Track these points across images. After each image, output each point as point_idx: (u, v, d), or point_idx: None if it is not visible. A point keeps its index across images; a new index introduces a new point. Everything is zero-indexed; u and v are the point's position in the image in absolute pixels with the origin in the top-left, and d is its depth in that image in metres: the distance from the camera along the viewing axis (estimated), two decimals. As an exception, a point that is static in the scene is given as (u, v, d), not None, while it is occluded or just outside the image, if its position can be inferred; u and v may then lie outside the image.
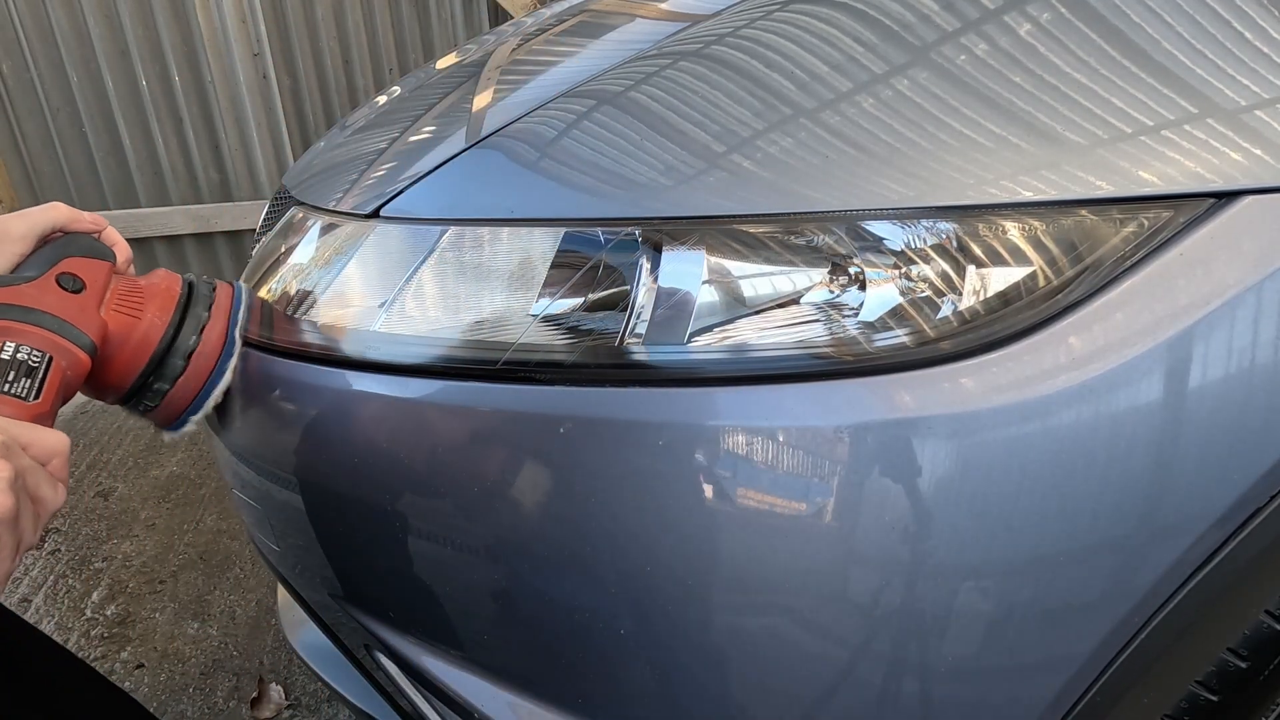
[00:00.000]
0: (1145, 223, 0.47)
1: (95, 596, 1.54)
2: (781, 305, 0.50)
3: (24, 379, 0.49)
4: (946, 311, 0.48)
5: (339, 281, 0.61)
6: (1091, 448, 0.46)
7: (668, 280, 0.51)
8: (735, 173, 0.51)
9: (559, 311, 0.53)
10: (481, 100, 0.69)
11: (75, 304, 0.54)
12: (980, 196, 0.48)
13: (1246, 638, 0.53)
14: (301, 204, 0.72)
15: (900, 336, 0.48)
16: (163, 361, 0.58)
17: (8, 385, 0.48)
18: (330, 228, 0.65)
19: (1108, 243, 0.48)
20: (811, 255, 0.50)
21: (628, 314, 0.51)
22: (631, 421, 0.50)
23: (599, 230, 0.53)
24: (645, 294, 0.51)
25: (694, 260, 0.51)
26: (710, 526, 0.49)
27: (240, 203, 2.89)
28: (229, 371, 0.61)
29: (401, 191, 0.60)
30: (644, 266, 0.51)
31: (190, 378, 0.59)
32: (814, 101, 0.52)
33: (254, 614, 1.49)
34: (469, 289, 0.55)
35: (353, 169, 0.70)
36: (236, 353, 0.62)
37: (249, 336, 0.64)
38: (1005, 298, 0.48)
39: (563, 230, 0.53)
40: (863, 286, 0.49)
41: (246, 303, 0.64)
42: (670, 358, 0.51)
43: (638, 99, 0.57)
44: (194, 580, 1.58)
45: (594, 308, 0.52)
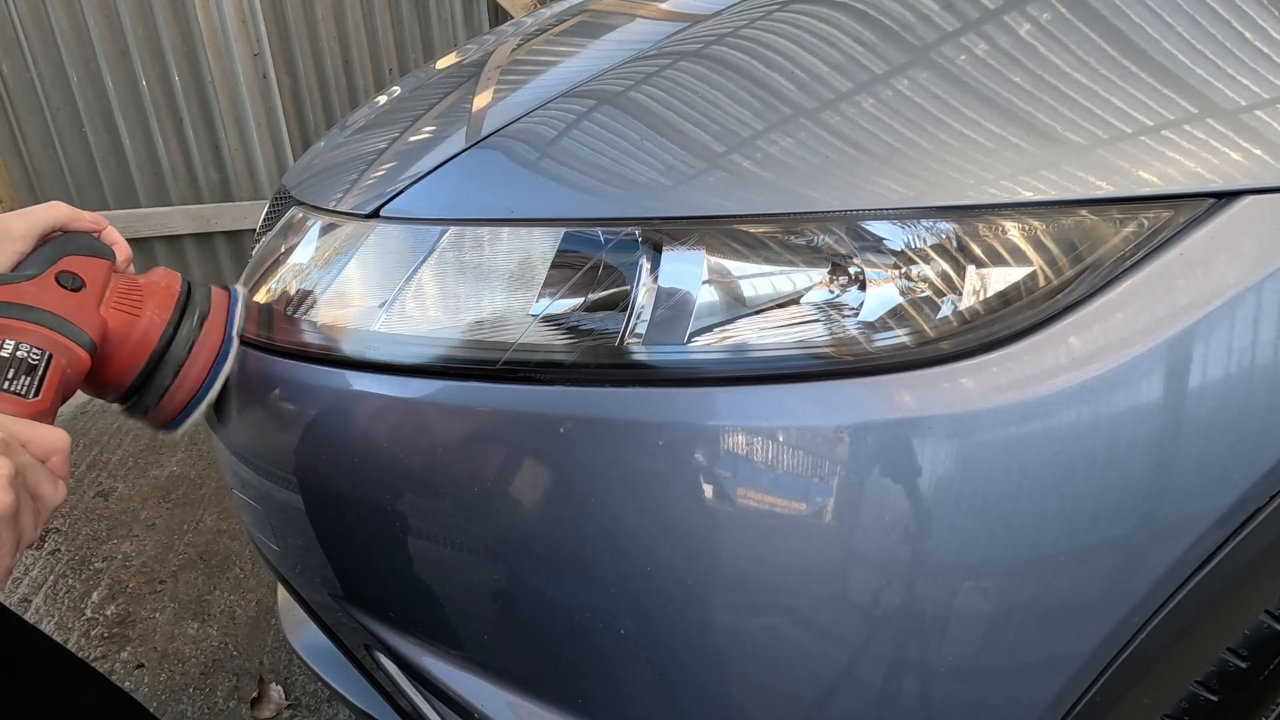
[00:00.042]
0: (1145, 223, 0.47)
1: (95, 596, 1.54)
2: (781, 305, 0.50)
3: (24, 376, 0.49)
4: (946, 311, 0.48)
5: (339, 281, 0.61)
6: (1091, 448, 0.46)
7: (668, 280, 0.51)
8: (735, 173, 0.51)
9: (559, 311, 0.53)
10: (481, 100, 0.69)
11: (75, 302, 0.54)
12: (980, 196, 0.48)
13: (1246, 638, 0.53)
14: (301, 204, 0.72)
15: (900, 336, 0.48)
16: (162, 359, 0.58)
17: (7, 383, 0.48)
18: (330, 228, 0.65)
19: (1108, 243, 0.48)
20: (811, 255, 0.50)
21: (628, 314, 0.51)
22: (631, 421, 0.50)
23: (599, 230, 0.52)
24: (645, 294, 0.51)
25: (694, 260, 0.51)
26: (710, 526, 0.49)
27: (240, 203, 2.89)
28: (226, 370, 0.61)
29: (401, 191, 0.60)
30: (644, 266, 0.51)
31: (189, 376, 0.59)
32: (814, 101, 0.52)
33: (254, 614, 1.49)
34: (469, 289, 0.56)
35: (353, 169, 0.70)
36: (234, 351, 0.62)
37: (249, 336, 0.64)
38: (1005, 298, 0.48)
39: (563, 230, 0.53)
40: (863, 286, 0.49)
41: (243, 304, 0.65)
42: (670, 358, 0.51)
43: (638, 99, 0.57)
44: (194, 580, 1.58)
45: (594, 308, 0.52)
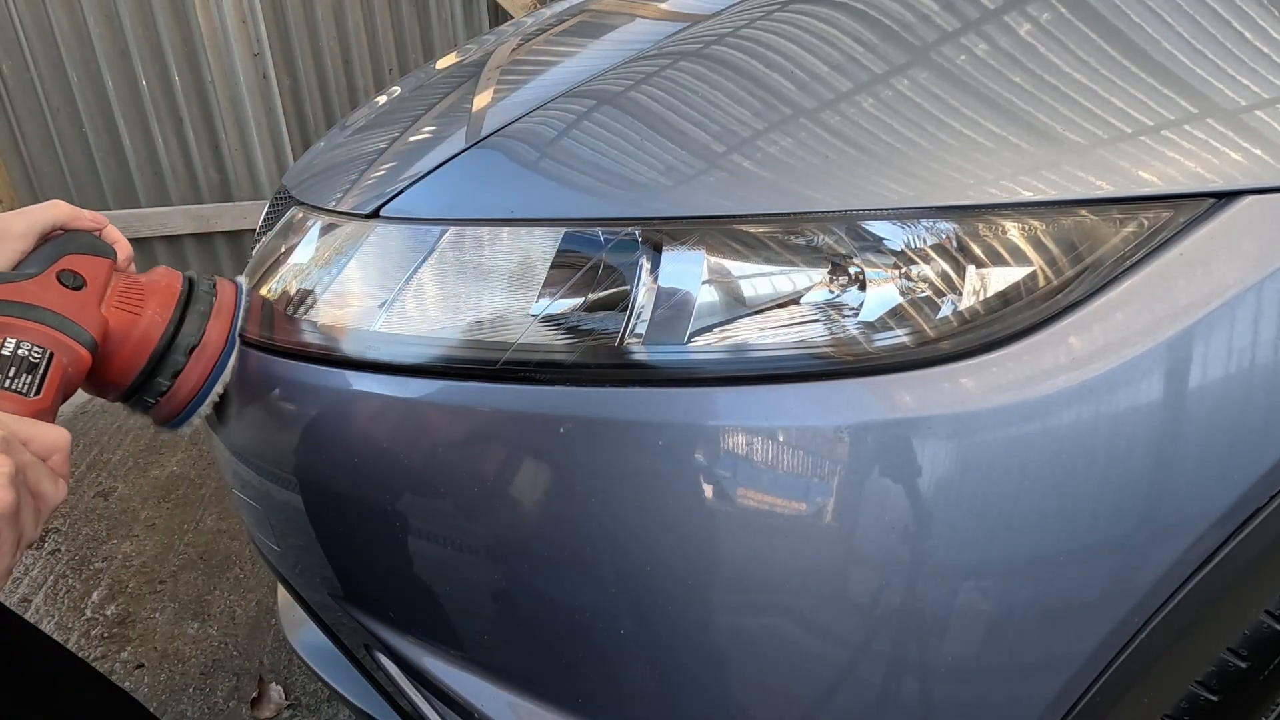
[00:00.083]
0: (1145, 223, 0.47)
1: (95, 596, 1.54)
2: (781, 305, 0.50)
3: (25, 375, 0.49)
4: (946, 311, 0.48)
5: (339, 281, 0.61)
6: (1091, 448, 0.46)
7: (668, 280, 0.51)
8: (735, 173, 0.51)
9: (559, 311, 0.53)
10: (481, 100, 0.69)
11: (76, 301, 0.54)
12: (980, 196, 0.48)
13: (1246, 638, 0.53)
14: (301, 204, 0.72)
15: (900, 336, 0.48)
16: (163, 358, 0.58)
17: (8, 381, 0.48)
18: (330, 228, 0.65)
19: (1108, 243, 0.48)
20: (811, 255, 0.50)
21: (628, 314, 0.51)
22: (631, 421, 0.50)
23: (599, 230, 0.52)
24: (645, 294, 0.51)
25: (694, 260, 0.51)
26: (710, 526, 0.49)
27: (240, 203, 2.89)
28: (229, 369, 0.61)
29: (401, 191, 0.60)
30: (644, 266, 0.51)
31: (191, 375, 0.59)
32: (814, 101, 0.52)
33: (254, 614, 1.49)
34: (469, 289, 0.55)
35: (353, 169, 0.70)
36: (236, 350, 0.62)
37: (249, 336, 0.64)
38: (1005, 298, 0.48)
39: (563, 230, 0.53)
40: (863, 286, 0.49)
41: (247, 301, 0.64)
42: (670, 358, 0.51)
43: (638, 99, 0.57)
44: (194, 580, 1.58)
45: (594, 308, 0.52)
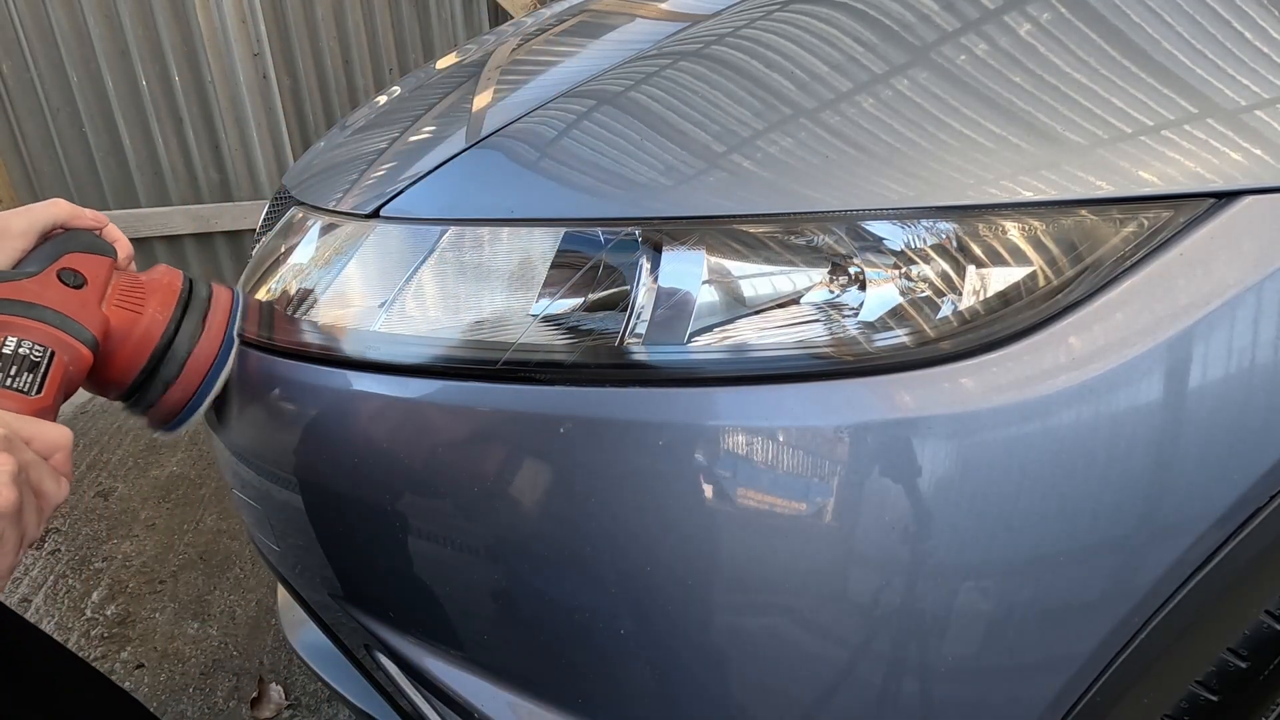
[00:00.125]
0: (1145, 223, 0.47)
1: (95, 596, 1.54)
2: (781, 305, 0.50)
3: (26, 374, 0.49)
4: (946, 311, 0.48)
5: (339, 281, 0.61)
6: (1091, 448, 0.46)
7: (668, 280, 0.51)
8: (735, 173, 0.51)
9: (559, 311, 0.53)
10: (481, 100, 0.69)
11: (77, 299, 0.54)
12: (980, 196, 0.48)
13: (1246, 638, 0.53)
14: (301, 204, 0.72)
15: (900, 336, 0.48)
16: (164, 356, 0.58)
17: (10, 380, 0.48)
18: (330, 228, 0.65)
19: (1108, 243, 0.48)
20: (811, 255, 0.50)
21: (628, 314, 0.51)
22: (631, 421, 0.50)
23: (599, 230, 0.52)
24: (645, 294, 0.51)
25: (694, 260, 0.51)
26: (710, 527, 0.49)
27: (240, 203, 2.89)
28: (228, 369, 0.61)
29: (401, 191, 0.60)
30: (644, 266, 0.51)
31: (192, 373, 0.59)
32: (814, 101, 0.52)
33: (254, 614, 1.49)
34: (469, 289, 0.55)
35: (353, 169, 0.70)
36: (235, 349, 0.62)
37: (249, 336, 0.64)
38: (1005, 298, 0.48)
39: (563, 230, 0.53)
40: (863, 286, 0.49)
41: (244, 303, 0.65)
42: (670, 358, 0.51)
43: (638, 99, 0.57)
44: (194, 580, 1.58)
45: (594, 308, 0.52)
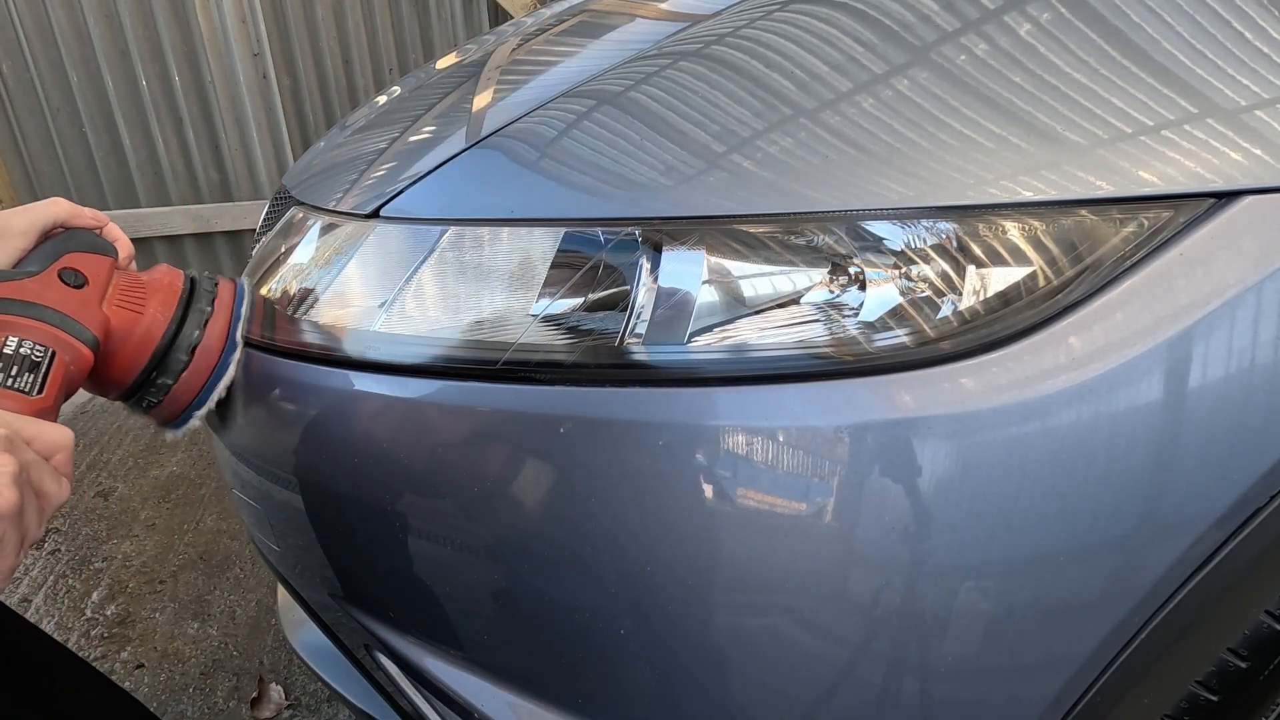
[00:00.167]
0: (1145, 223, 0.47)
1: (95, 596, 1.54)
2: (781, 305, 0.50)
3: (27, 374, 0.49)
4: (946, 311, 0.48)
5: (339, 281, 0.61)
6: (1091, 448, 0.46)
7: (668, 280, 0.51)
8: (735, 173, 0.51)
9: (559, 311, 0.53)
10: (481, 100, 0.69)
11: (77, 299, 0.54)
12: (980, 196, 0.48)
13: (1246, 638, 0.53)
14: (301, 204, 0.72)
15: (900, 336, 0.48)
16: (165, 356, 0.58)
17: (10, 380, 0.48)
18: (330, 228, 0.65)
19: (1108, 243, 0.48)
20: (811, 255, 0.50)
21: (628, 314, 0.51)
22: (631, 421, 0.50)
23: (599, 230, 0.52)
24: (645, 294, 0.51)
25: (694, 260, 0.51)
26: (710, 526, 0.49)
27: (240, 203, 2.89)
28: (232, 367, 0.61)
29: (401, 191, 0.60)
30: (644, 266, 0.51)
31: (193, 373, 0.59)
32: (814, 101, 0.52)
33: (254, 614, 1.48)
34: (469, 289, 0.55)
35: (353, 169, 0.70)
36: (239, 351, 0.62)
37: (249, 336, 0.64)
38: (1005, 298, 0.48)
39: (563, 230, 0.53)
40: (863, 286, 0.49)
41: (249, 299, 0.64)
42: (670, 358, 0.51)
43: (638, 99, 0.57)
44: (194, 580, 1.58)
45: (594, 308, 0.52)
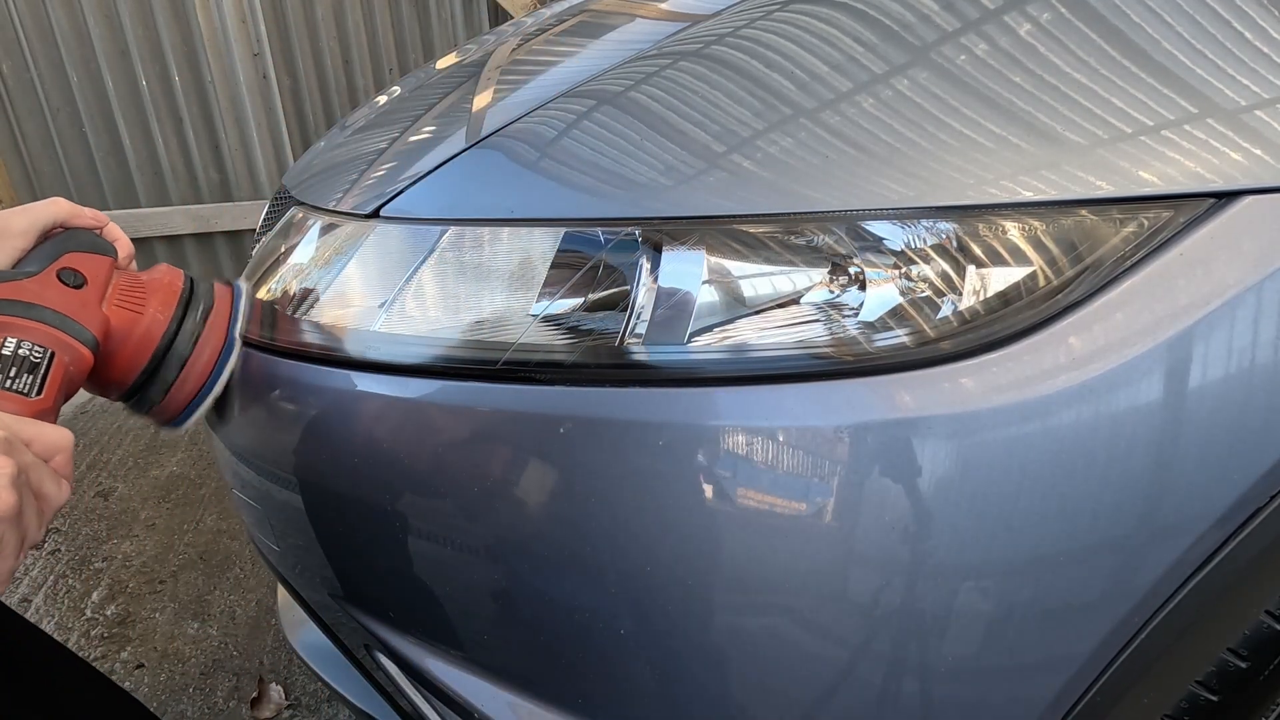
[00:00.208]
0: (1145, 223, 0.47)
1: (95, 596, 1.54)
2: (781, 305, 0.50)
3: (26, 375, 0.49)
4: (946, 311, 0.48)
5: (339, 281, 0.61)
6: (1091, 448, 0.46)
7: (668, 280, 0.51)
8: (735, 173, 0.51)
9: (559, 311, 0.53)
10: (481, 100, 0.69)
11: (77, 299, 0.54)
12: (980, 196, 0.48)
13: (1246, 638, 0.53)
14: (301, 204, 0.72)
15: (900, 336, 0.48)
16: (165, 356, 0.58)
17: (9, 381, 0.48)
18: (330, 228, 0.65)
19: (1108, 243, 0.48)
20: (811, 255, 0.50)
21: (628, 314, 0.51)
22: (631, 421, 0.50)
23: (599, 230, 0.52)
24: (645, 294, 0.51)
25: (694, 260, 0.51)
26: (710, 526, 0.49)
27: (240, 203, 2.89)
28: (230, 366, 0.61)
29: (401, 191, 0.60)
30: (644, 266, 0.51)
31: (193, 373, 0.59)
32: (814, 101, 0.52)
33: (254, 614, 1.49)
34: (469, 289, 0.55)
35: (353, 169, 0.70)
36: (238, 348, 0.62)
37: (249, 336, 0.64)
38: (1005, 298, 0.48)
39: (563, 230, 0.53)
40: (863, 286, 0.49)
41: (248, 299, 0.64)
42: (670, 358, 0.51)
43: (638, 99, 0.57)
44: (194, 580, 1.58)
45: (594, 308, 0.52)
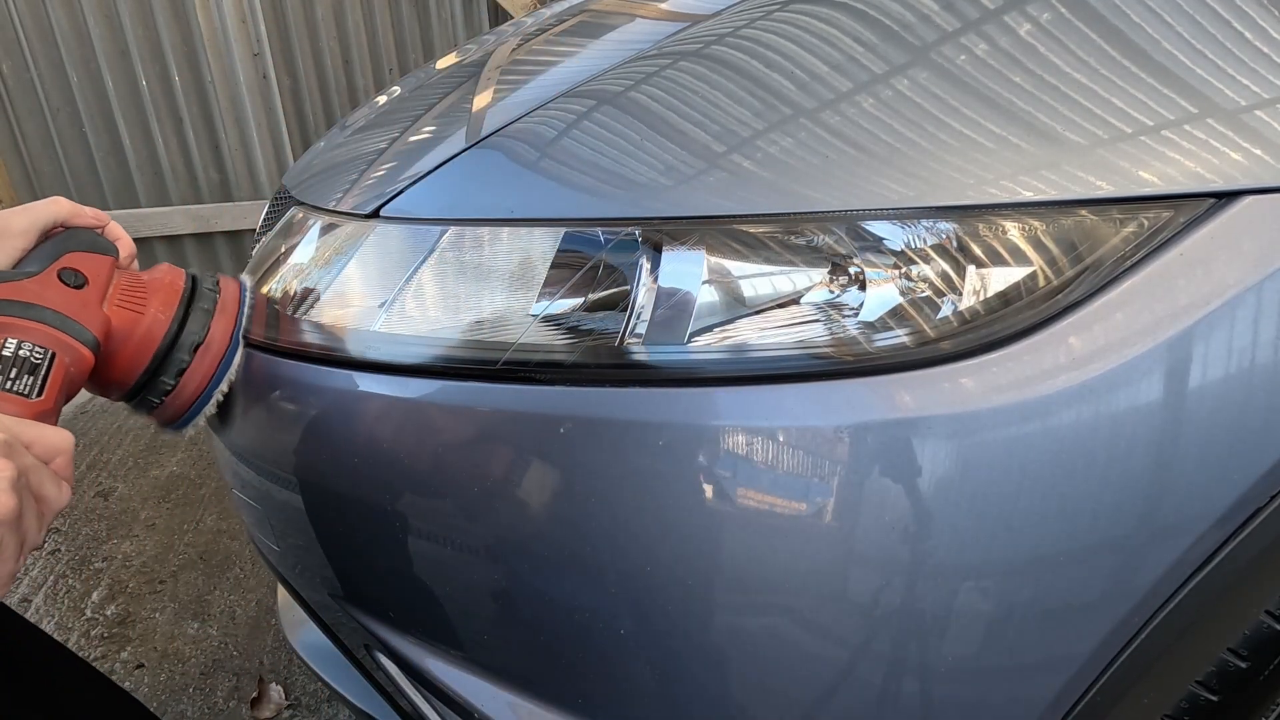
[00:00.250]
0: (1145, 223, 0.47)
1: (95, 596, 1.54)
2: (781, 305, 0.50)
3: (26, 376, 0.48)
4: (946, 311, 0.48)
5: (339, 281, 0.61)
6: (1091, 448, 0.46)
7: (668, 280, 0.51)
8: (735, 173, 0.51)
9: (559, 311, 0.53)
10: (481, 100, 0.69)
11: (77, 299, 0.53)
12: (980, 196, 0.48)
13: (1246, 638, 0.53)
14: (301, 204, 0.72)
15: (900, 336, 0.48)
16: (167, 357, 0.57)
17: (10, 382, 0.48)
18: (330, 228, 0.65)
19: (1108, 243, 0.48)
20: (811, 255, 0.50)
21: (628, 314, 0.51)
22: (631, 421, 0.50)
23: (599, 230, 0.52)
24: (645, 294, 0.51)
25: (694, 260, 0.51)
26: (710, 526, 0.49)
27: (240, 203, 2.89)
28: (234, 368, 0.61)
29: (401, 191, 0.60)
30: (644, 266, 0.51)
31: (195, 373, 0.59)
32: (814, 101, 0.52)
33: (254, 614, 1.48)
34: (469, 289, 0.55)
35: (353, 169, 0.70)
36: (240, 350, 0.62)
37: (250, 336, 0.64)
38: (1005, 298, 0.48)
39: (563, 230, 0.53)
40: (863, 286, 0.49)
41: (251, 299, 0.64)
42: (670, 358, 0.51)
43: (638, 99, 0.57)
44: (194, 580, 1.58)
45: (594, 308, 0.52)
